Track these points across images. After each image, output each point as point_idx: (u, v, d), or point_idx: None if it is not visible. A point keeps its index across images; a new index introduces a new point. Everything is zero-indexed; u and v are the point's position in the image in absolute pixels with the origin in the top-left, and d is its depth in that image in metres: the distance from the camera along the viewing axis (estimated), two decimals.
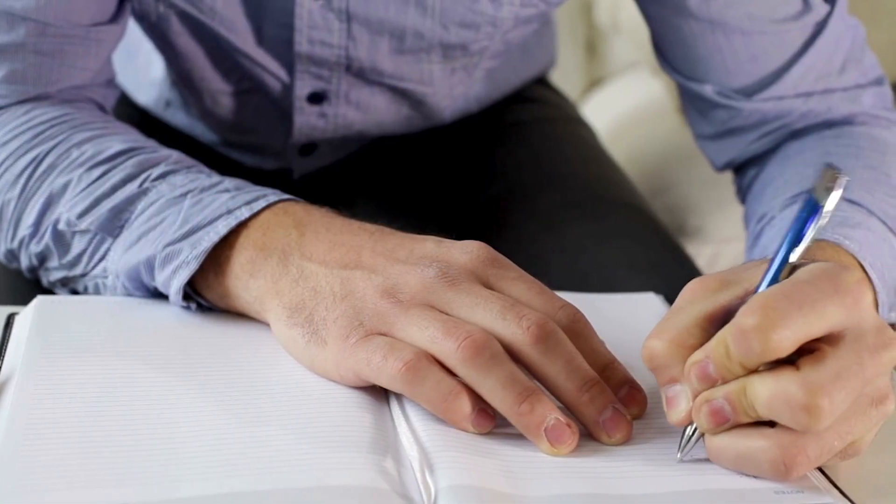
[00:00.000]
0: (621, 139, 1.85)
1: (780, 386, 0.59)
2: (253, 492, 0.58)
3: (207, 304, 0.77)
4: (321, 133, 1.10)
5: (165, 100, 1.17)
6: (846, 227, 0.79)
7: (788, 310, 0.58)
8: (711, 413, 0.61)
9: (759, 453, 0.61)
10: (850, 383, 0.59)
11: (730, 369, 0.60)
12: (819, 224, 0.63)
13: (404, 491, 0.59)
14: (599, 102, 2.15)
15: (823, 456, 0.61)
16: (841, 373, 0.58)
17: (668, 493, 0.61)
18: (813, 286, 0.60)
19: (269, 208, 0.77)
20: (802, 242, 0.63)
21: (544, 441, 0.64)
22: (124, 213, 0.80)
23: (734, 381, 0.61)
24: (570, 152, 1.25)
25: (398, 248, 0.73)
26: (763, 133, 0.99)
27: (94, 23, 0.88)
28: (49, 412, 0.64)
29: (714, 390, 0.61)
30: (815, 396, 0.58)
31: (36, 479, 0.58)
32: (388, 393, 0.69)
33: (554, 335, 0.66)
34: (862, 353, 0.59)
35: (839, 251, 0.76)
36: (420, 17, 0.96)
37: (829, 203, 0.62)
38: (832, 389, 0.58)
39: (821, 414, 0.58)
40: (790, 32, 0.94)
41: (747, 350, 0.59)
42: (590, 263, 1.05)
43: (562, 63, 1.49)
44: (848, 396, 0.59)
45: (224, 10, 0.95)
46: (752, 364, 0.60)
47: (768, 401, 0.59)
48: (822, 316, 0.59)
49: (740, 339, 0.59)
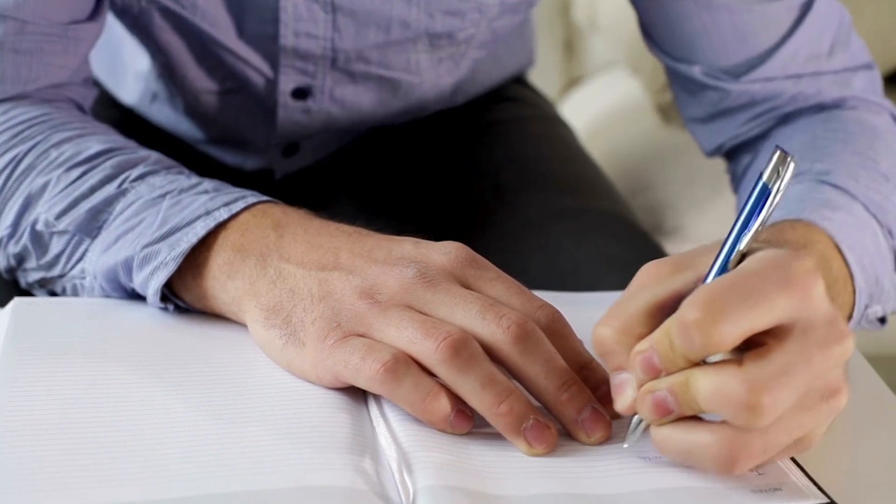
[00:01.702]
0: (600, 138, 1.85)
1: (721, 381, 0.58)
2: (230, 493, 0.58)
3: (185, 306, 0.77)
4: (304, 129, 1.10)
5: (152, 93, 1.17)
6: (826, 209, 0.78)
7: (732, 303, 0.57)
8: (655, 404, 0.61)
9: (703, 447, 0.60)
10: (795, 380, 0.58)
11: (673, 361, 0.59)
12: (769, 209, 0.62)
13: (383, 491, 0.60)
14: (578, 102, 2.15)
15: (769, 451, 0.60)
16: (785, 369, 0.57)
17: (646, 490, 0.61)
18: (760, 277, 0.59)
19: (247, 210, 0.77)
20: (751, 228, 0.62)
21: (523, 441, 0.64)
22: (103, 214, 0.79)
23: (678, 374, 0.60)
24: (548, 151, 1.25)
25: (376, 249, 0.73)
26: (753, 115, 0.99)
27: (73, 20, 0.88)
28: (27, 414, 0.63)
29: (658, 381, 0.61)
30: (757, 394, 0.57)
31: (14, 482, 0.57)
32: (366, 393, 0.69)
33: (533, 334, 0.66)
34: (810, 348, 0.58)
35: (812, 230, 0.75)
36: (405, 5, 0.96)
37: (779, 187, 0.61)
38: (775, 387, 0.57)
39: (762, 412, 0.57)
40: (776, 12, 0.94)
41: (689, 344, 0.58)
42: (568, 263, 1.05)
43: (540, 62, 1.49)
44: (792, 393, 0.58)
45: (206, 5, 0.95)
46: (696, 357, 0.59)
47: (710, 396, 0.58)
48: (768, 309, 0.58)
49: (682, 333, 0.58)
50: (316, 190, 1.21)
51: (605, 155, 1.70)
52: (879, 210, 0.84)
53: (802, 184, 0.85)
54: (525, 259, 1.05)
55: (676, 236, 1.56)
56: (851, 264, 0.76)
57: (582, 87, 2.21)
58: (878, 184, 0.86)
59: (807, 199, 0.81)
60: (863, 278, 0.78)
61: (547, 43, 2.14)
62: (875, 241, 0.82)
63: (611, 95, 2.06)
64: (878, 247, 0.82)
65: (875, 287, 0.81)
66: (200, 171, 0.84)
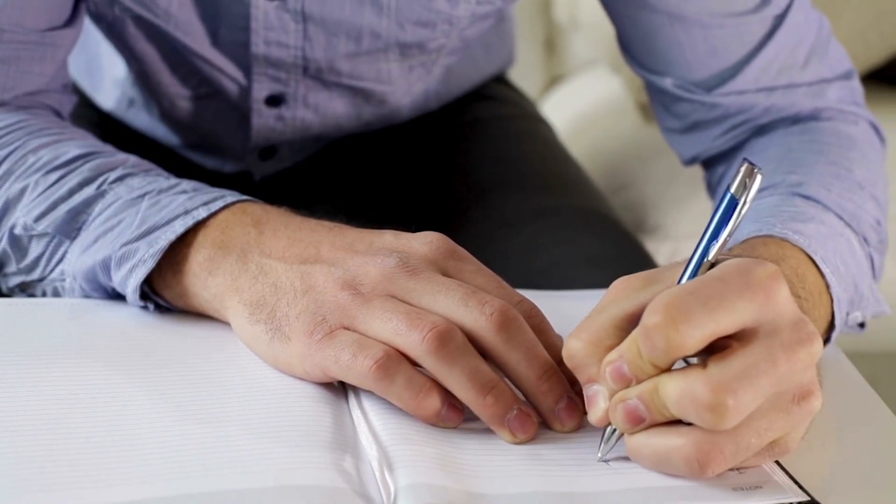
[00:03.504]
0: (581, 137, 1.85)
1: (687, 385, 0.58)
2: (211, 493, 0.58)
3: (166, 304, 0.77)
4: (279, 136, 1.10)
5: (129, 98, 1.17)
6: (796, 223, 0.78)
7: (693, 306, 0.58)
8: (626, 413, 0.61)
9: (674, 451, 0.60)
10: (760, 381, 0.58)
11: (642, 369, 0.60)
12: (736, 220, 0.62)
13: (363, 490, 0.59)
14: (559, 100, 2.15)
15: (740, 454, 0.60)
16: (748, 370, 0.58)
17: (629, 489, 0.61)
18: (722, 282, 0.59)
19: (227, 208, 0.77)
20: (720, 239, 0.63)
21: (507, 431, 0.65)
22: (82, 216, 0.79)
23: (647, 381, 0.60)
24: (529, 150, 1.25)
25: (357, 241, 0.73)
26: (727, 128, 0.99)
27: (50, 27, 0.88)
28: (7, 416, 0.63)
29: (628, 390, 0.61)
30: (720, 395, 0.57)
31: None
32: (346, 389, 0.69)
33: (516, 322, 0.66)
34: (774, 350, 0.58)
35: (784, 245, 0.75)
36: (376, 16, 0.96)
37: (746, 199, 0.62)
38: (739, 388, 0.57)
39: (726, 413, 0.57)
40: (749, 26, 0.94)
41: (652, 348, 0.58)
42: (549, 261, 1.05)
43: (521, 61, 1.49)
44: (757, 394, 0.58)
45: (179, 14, 0.95)
46: (662, 363, 0.59)
47: (677, 400, 0.58)
48: (730, 312, 0.58)
49: (645, 337, 0.58)
50: (295, 191, 1.21)
51: (586, 153, 1.70)
52: (853, 218, 0.85)
53: (774, 196, 0.85)
54: (504, 258, 1.05)
55: (657, 234, 1.57)
56: (826, 275, 0.76)
57: (563, 86, 2.21)
58: (852, 192, 0.87)
59: (778, 213, 0.81)
60: (840, 287, 0.77)
61: (528, 41, 2.14)
62: (850, 249, 0.82)
63: (592, 94, 2.07)
64: (854, 254, 0.82)
65: (854, 294, 0.81)
66: (180, 175, 0.84)
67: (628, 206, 1.61)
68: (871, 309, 0.86)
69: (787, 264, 0.73)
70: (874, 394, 0.75)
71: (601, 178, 1.56)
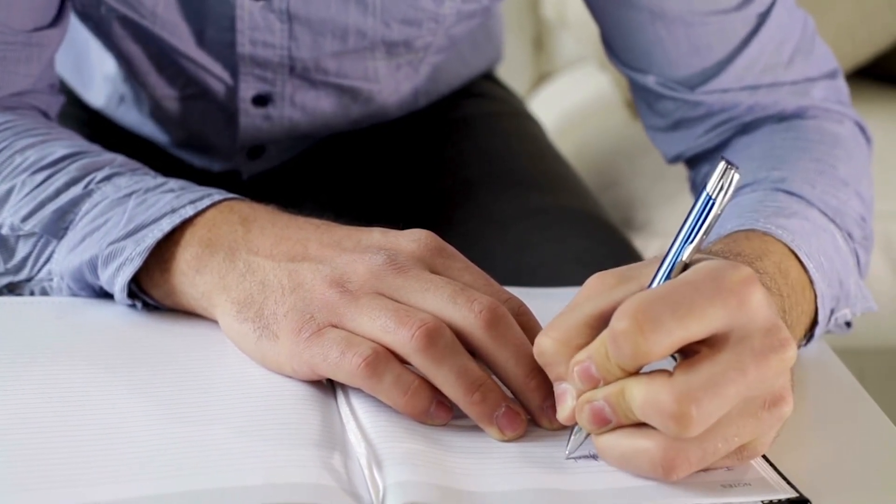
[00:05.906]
0: (569, 134, 1.85)
1: (651, 391, 0.58)
2: (199, 490, 0.58)
3: (153, 303, 0.77)
4: (267, 135, 1.10)
5: (119, 95, 1.17)
6: (780, 217, 0.78)
7: (662, 313, 0.57)
8: (592, 414, 0.60)
9: (640, 454, 0.60)
10: (726, 390, 0.57)
11: (610, 371, 0.59)
12: (712, 220, 0.61)
13: (352, 488, 0.59)
14: (547, 97, 2.15)
15: (707, 459, 0.59)
16: (715, 379, 0.57)
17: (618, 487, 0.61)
18: (693, 287, 0.58)
19: (214, 206, 0.77)
20: (694, 239, 0.62)
21: (495, 428, 0.65)
22: (69, 215, 0.79)
23: (615, 383, 0.60)
24: (517, 147, 1.25)
25: (345, 238, 0.73)
26: (711, 126, 0.99)
27: (36, 27, 0.87)
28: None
29: (596, 391, 0.60)
30: (683, 404, 0.56)
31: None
32: (334, 386, 0.69)
33: (504, 319, 0.66)
34: (744, 358, 0.57)
35: (767, 240, 0.75)
36: (361, 15, 0.96)
37: (723, 198, 0.61)
38: (703, 397, 0.56)
39: (689, 422, 0.56)
40: (732, 24, 0.94)
41: (619, 354, 0.58)
42: (537, 258, 1.05)
43: (509, 58, 1.49)
44: (723, 403, 0.57)
45: (165, 14, 0.94)
46: (629, 368, 0.59)
47: (641, 406, 0.58)
48: (700, 319, 0.57)
49: (612, 342, 0.58)
50: (284, 190, 1.21)
51: (575, 150, 1.70)
52: (837, 214, 0.84)
53: (758, 192, 0.85)
54: (493, 256, 1.05)
55: (646, 231, 1.57)
56: (810, 270, 0.76)
57: (551, 83, 2.21)
58: (836, 189, 0.86)
59: (761, 208, 0.80)
60: (825, 283, 0.77)
61: (516, 39, 2.14)
62: (834, 245, 0.82)
63: (580, 91, 2.07)
64: (839, 250, 0.82)
65: (840, 290, 0.81)
66: (168, 174, 0.84)
67: (617, 203, 1.61)
68: (859, 305, 0.86)
69: (770, 259, 0.73)
70: (862, 389, 0.75)
71: (590, 175, 1.56)
